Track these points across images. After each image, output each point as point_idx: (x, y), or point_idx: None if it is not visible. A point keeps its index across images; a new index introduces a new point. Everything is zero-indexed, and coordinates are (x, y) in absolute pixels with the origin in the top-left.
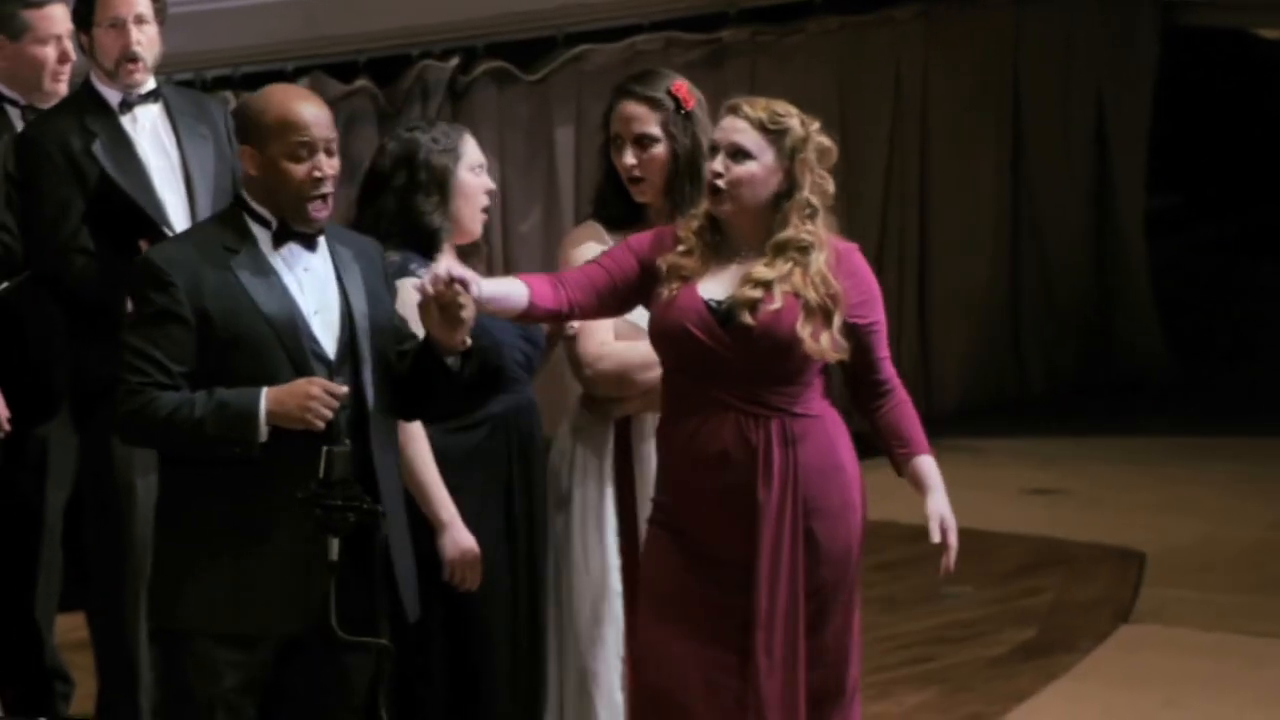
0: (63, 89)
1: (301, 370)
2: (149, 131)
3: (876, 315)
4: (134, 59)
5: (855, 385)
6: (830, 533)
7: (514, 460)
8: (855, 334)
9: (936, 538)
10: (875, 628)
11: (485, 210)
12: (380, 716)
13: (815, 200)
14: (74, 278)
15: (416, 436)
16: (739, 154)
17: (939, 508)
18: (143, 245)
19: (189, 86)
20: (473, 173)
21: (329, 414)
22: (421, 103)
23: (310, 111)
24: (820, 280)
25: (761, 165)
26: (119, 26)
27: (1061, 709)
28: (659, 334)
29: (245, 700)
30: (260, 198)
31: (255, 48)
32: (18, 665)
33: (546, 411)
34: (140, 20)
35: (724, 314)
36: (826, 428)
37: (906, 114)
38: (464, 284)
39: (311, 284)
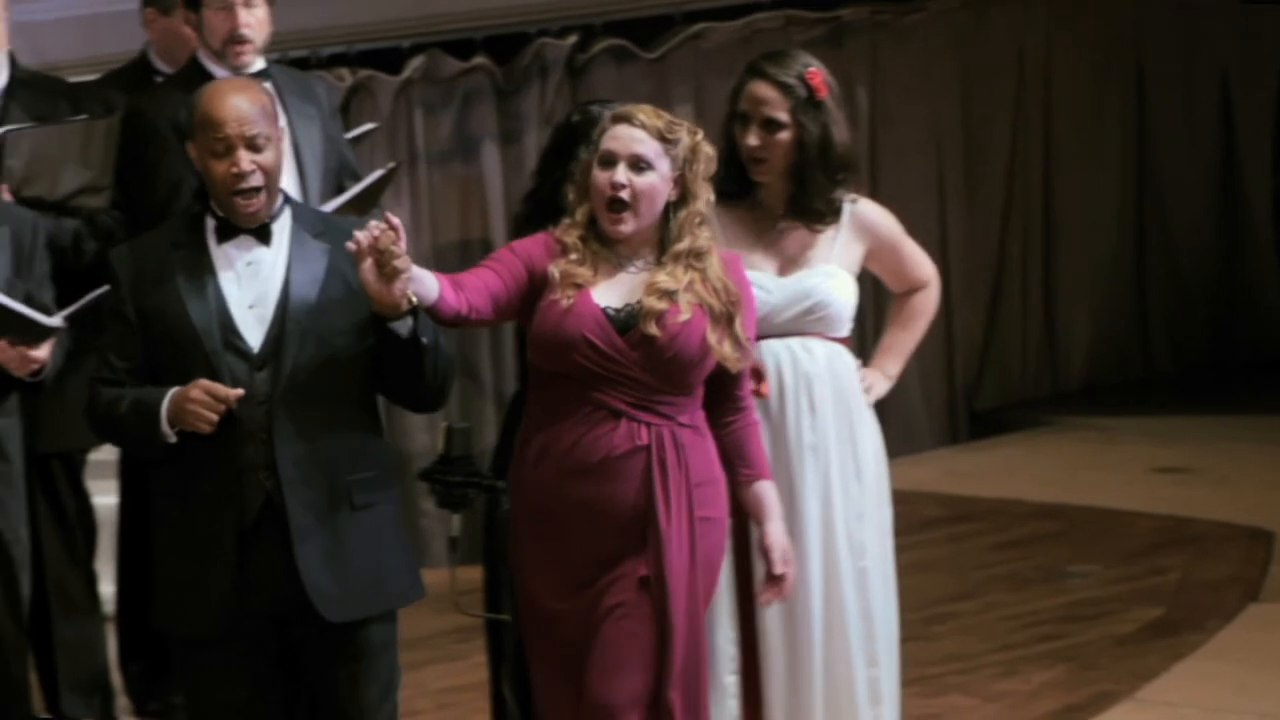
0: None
1: (212, 368)
2: None
3: (751, 331)
4: (241, 40)
5: (713, 397)
6: (712, 544)
7: None
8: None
9: (779, 569)
10: (1002, 606)
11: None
12: (503, 693)
13: (705, 209)
14: None
15: None
16: (640, 164)
17: (780, 540)
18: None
19: (304, 64)
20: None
21: (211, 416)
22: (540, 81)
23: (229, 108)
24: (721, 286)
25: (659, 175)
26: (228, 8)
27: (1190, 688)
28: (551, 341)
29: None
30: (209, 194)
31: (371, 25)
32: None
33: None
34: (249, 3)
35: (622, 322)
36: (705, 438)
37: (1029, 93)
38: (395, 230)
39: (252, 278)
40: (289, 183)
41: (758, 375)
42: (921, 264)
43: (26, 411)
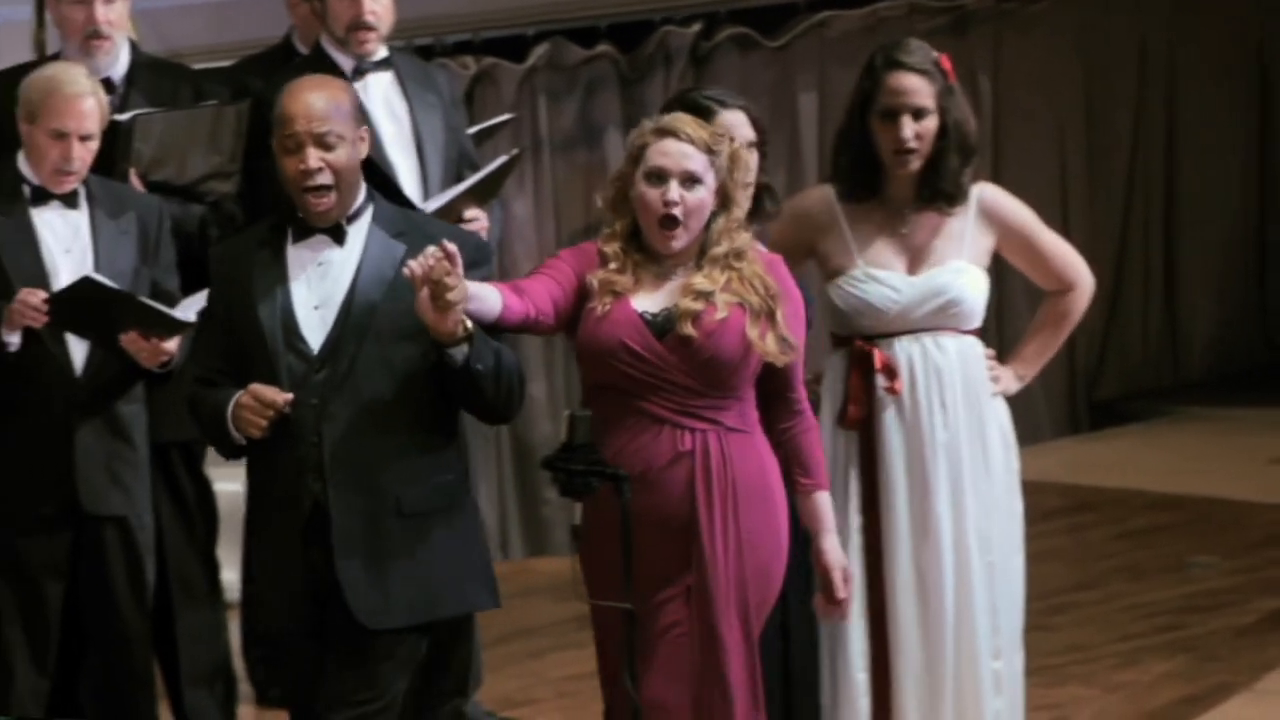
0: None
1: (273, 369)
2: (380, 99)
3: (800, 332)
4: (365, 27)
5: (767, 401)
6: (765, 551)
7: None
8: None
9: (841, 594)
10: (1121, 596)
11: (745, 187)
12: (625, 680)
13: (743, 215)
14: None
15: None
16: (690, 180)
17: (838, 558)
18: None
19: (429, 51)
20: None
21: (259, 420)
22: (663, 69)
23: (300, 105)
24: (760, 283)
25: (707, 189)
26: None
27: None
28: (591, 350)
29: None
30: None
31: (496, 12)
32: None
33: None
34: None
35: (660, 326)
36: (758, 446)
37: (1151, 83)
38: (451, 260)
39: (321, 279)
40: (409, 172)
41: (890, 372)
42: (1070, 264)
43: (149, 401)
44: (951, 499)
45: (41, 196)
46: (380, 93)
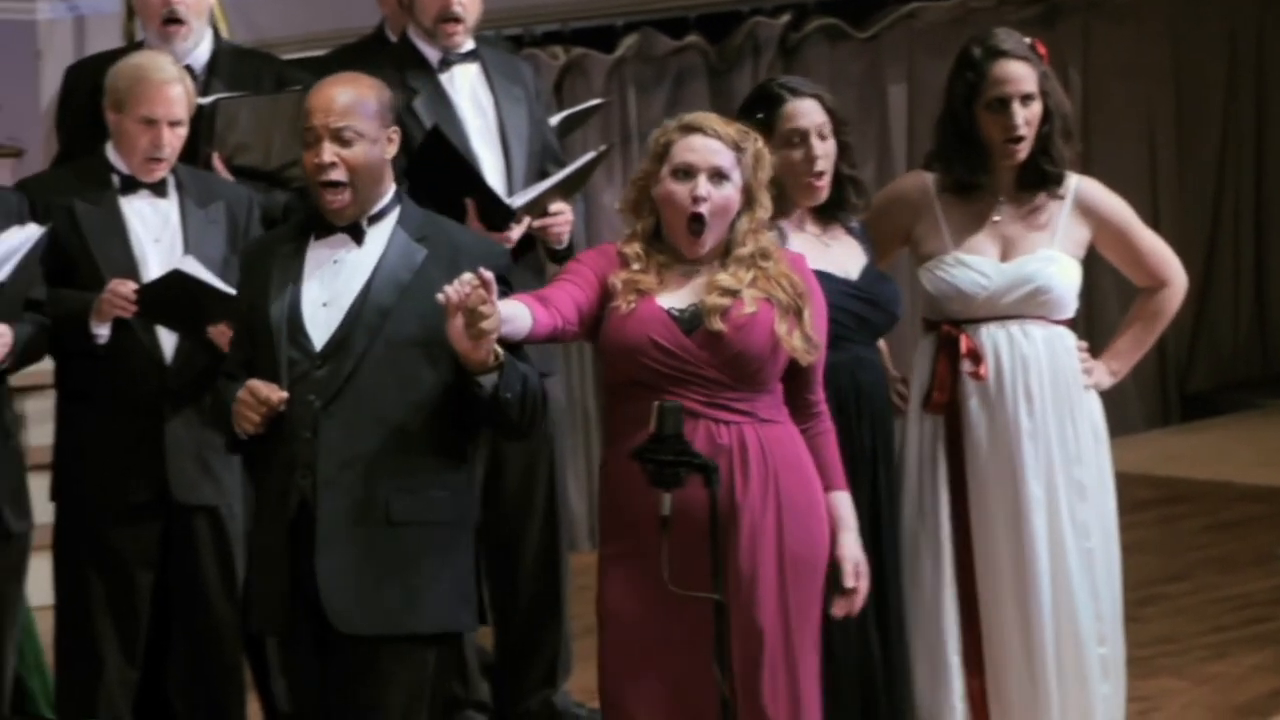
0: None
1: (275, 363)
2: (467, 91)
3: (823, 332)
4: (453, 19)
5: (787, 402)
6: (805, 540)
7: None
8: None
9: (850, 582)
10: (1212, 588)
11: (816, 176)
12: (715, 670)
13: (766, 215)
14: None
15: None
16: (718, 176)
17: (853, 552)
18: (469, 205)
19: (518, 41)
20: (789, 144)
21: (252, 416)
22: (752, 60)
23: (320, 99)
24: (786, 280)
25: (734, 186)
26: None
27: None
28: (618, 348)
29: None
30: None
31: (585, 3)
32: None
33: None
34: None
35: (687, 321)
36: (794, 434)
37: (1241, 75)
38: (487, 288)
39: (334, 276)
40: (494, 165)
41: (975, 357)
42: (1165, 261)
43: None
44: (1044, 485)
45: (131, 185)
46: (466, 85)
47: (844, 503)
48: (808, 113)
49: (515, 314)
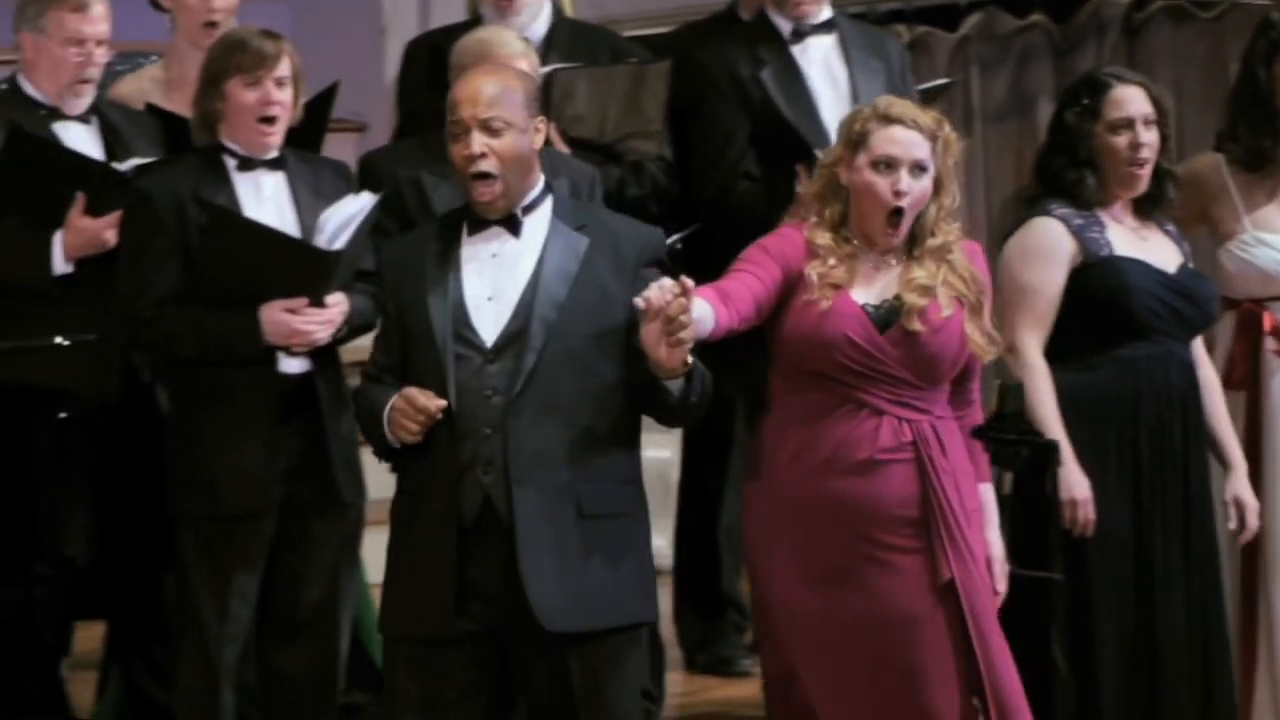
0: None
1: (440, 363)
2: (820, 62)
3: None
4: None
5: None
6: (977, 538)
7: (1142, 407)
8: None
9: (1001, 586)
10: None
11: (1139, 164)
12: (1054, 654)
13: (953, 203)
14: (738, 201)
15: (1037, 371)
16: (919, 169)
17: (999, 550)
18: (800, 170)
19: (861, 19)
20: (1113, 131)
21: (411, 426)
22: (1096, 40)
23: (466, 89)
24: (970, 276)
25: (929, 178)
26: None
27: None
28: (811, 342)
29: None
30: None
31: None
32: None
33: None
34: None
35: (882, 319)
36: (959, 431)
37: None
38: (687, 294)
39: (495, 270)
40: None
41: (1278, 334)
42: None
43: None
44: None
45: None
46: (820, 55)
47: (989, 495)
48: (1134, 100)
49: (702, 315)
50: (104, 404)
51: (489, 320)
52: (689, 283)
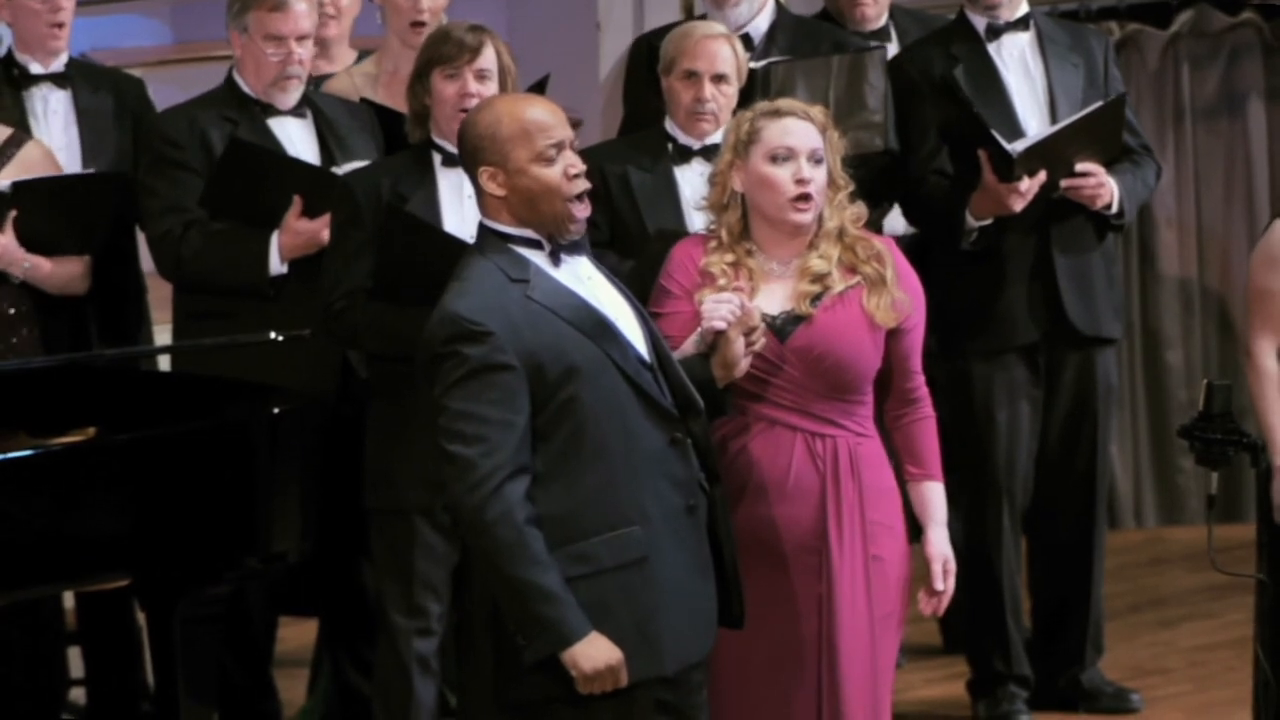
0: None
1: (636, 379)
2: (1016, 58)
3: (917, 319)
4: None
5: (884, 388)
6: (888, 568)
7: None
8: (893, 335)
9: (940, 584)
10: None
11: None
12: (1256, 649)
13: (845, 193)
14: (927, 194)
15: (1266, 376)
16: (816, 160)
17: (942, 549)
18: (982, 155)
19: (1073, 17)
20: None
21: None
22: None
23: (544, 113)
24: (863, 246)
25: (824, 169)
26: None
27: None
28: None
29: None
30: (519, 217)
31: None
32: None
33: None
34: None
35: (781, 329)
36: (880, 449)
37: None
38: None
39: (597, 291)
40: (1039, 126)
41: None
42: None
43: None
44: None
45: (684, 154)
46: (1016, 51)
47: (938, 493)
48: None
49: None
50: (320, 400)
51: (633, 336)
52: (742, 293)
